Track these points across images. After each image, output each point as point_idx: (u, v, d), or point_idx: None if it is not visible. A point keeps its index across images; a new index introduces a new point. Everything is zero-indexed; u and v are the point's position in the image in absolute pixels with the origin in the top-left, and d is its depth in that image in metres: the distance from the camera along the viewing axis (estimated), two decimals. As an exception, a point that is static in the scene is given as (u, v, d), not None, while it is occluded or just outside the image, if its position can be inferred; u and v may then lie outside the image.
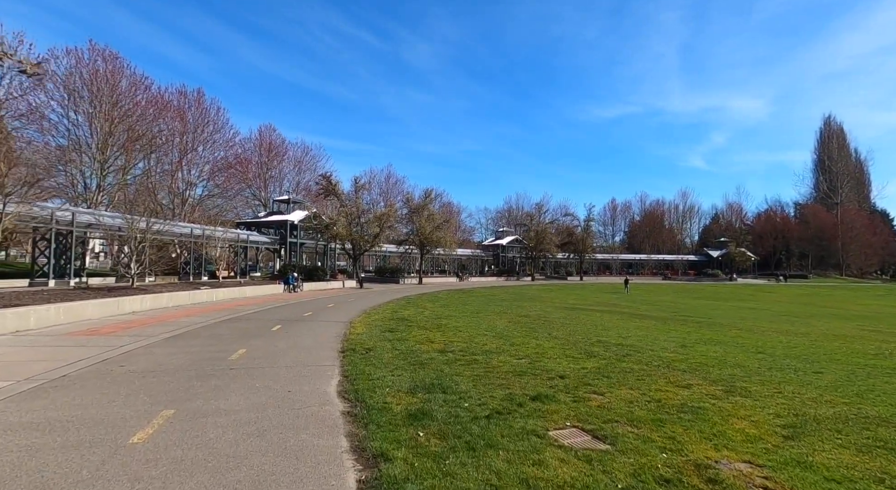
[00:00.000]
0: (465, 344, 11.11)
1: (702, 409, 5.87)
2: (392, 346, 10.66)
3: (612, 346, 11.31)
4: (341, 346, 10.59)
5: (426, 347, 10.50)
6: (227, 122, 46.58)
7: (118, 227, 23.91)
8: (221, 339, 11.21)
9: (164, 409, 5.51)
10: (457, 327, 14.44)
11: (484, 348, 10.52)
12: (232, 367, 8.05)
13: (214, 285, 25.80)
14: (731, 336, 15.36)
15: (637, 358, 9.63)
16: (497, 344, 11.21)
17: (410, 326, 14.41)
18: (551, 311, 22.15)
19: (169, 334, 11.70)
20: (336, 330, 13.56)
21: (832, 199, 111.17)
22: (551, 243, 70.44)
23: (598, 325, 16.43)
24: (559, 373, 7.92)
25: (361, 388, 6.58)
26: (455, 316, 18.13)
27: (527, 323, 16.41)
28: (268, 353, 9.53)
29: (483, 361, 8.92)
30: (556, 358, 9.47)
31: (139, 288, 20.11)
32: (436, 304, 24.76)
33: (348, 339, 11.74)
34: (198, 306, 19.39)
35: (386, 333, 12.68)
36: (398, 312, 19.11)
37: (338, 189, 42.69)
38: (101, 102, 34.29)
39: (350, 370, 7.92)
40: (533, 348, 10.67)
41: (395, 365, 8.42)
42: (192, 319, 15.00)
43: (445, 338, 12.08)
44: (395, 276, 52.35)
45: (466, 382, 7.09)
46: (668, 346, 11.87)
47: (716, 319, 22.61)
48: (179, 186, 43.56)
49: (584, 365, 8.73)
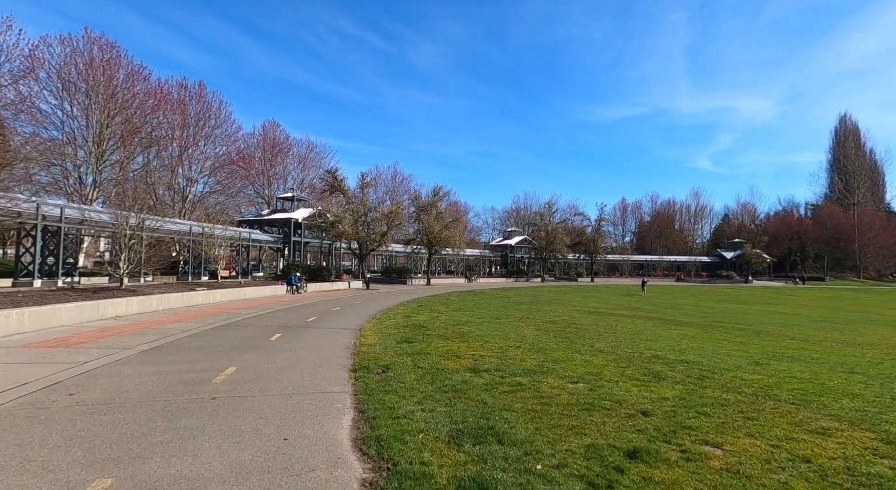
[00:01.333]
0: (498, 360, 9.30)
1: (888, 480, 4.02)
2: (413, 362, 8.86)
3: (675, 363, 9.44)
4: (352, 363, 8.81)
5: (454, 364, 8.69)
6: (229, 116, 45.04)
7: (111, 224, 22.25)
8: (209, 352, 9.44)
9: (98, 477, 3.72)
10: (482, 337, 12.62)
11: (523, 366, 8.70)
12: (214, 394, 6.27)
13: (212, 286, 24.12)
14: (794, 348, 13.45)
15: (718, 381, 7.77)
16: (536, 360, 9.39)
17: (429, 335, 12.61)
18: (577, 317, 20.28)
19: (148, 346, 9.95)
20: (344, 339, 11.78)
21: (848, 199, 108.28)
22: (562, 243, 68.39)
23: (638, 335, 14.55)
24: (637, 406, 6.08)
25: (386, 435, 4.77)
26: (475, 322, 16.31)
27: (558, 331, 14.55)
28: (262, 372, 7.75)
29: (530, 386, 7.10)
30: (618, 381, 7.64)
31: (129, 289, 18.44)
32: (449, 307, 22.95)
33: (359, 351, 9.96)
34: (191, 310, 17.66)
35: (402, 345, 10.88)
36: (411, 317, 17.31)
37: (343, 186, 40.96)
38: (96, 93, 32.73)
39: (366, 400, 6.12)
40: (582, 366, 8.83)
41: (423, 392, 6.61)
42: (180, 326, 13.26)
43: (473, 351, 10.27)
44: (403, 277, 50.58)
45: (523, 424, 5.27)
46: (739, 362, 10.00)
47: (756, 326, 20.65)
48: (180, 183, 42.01)
49: (660, 393, 6.88)
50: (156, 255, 25.02)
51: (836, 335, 18.80)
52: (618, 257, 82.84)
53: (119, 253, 18.53)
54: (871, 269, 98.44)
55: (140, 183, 39.40)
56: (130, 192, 26.70)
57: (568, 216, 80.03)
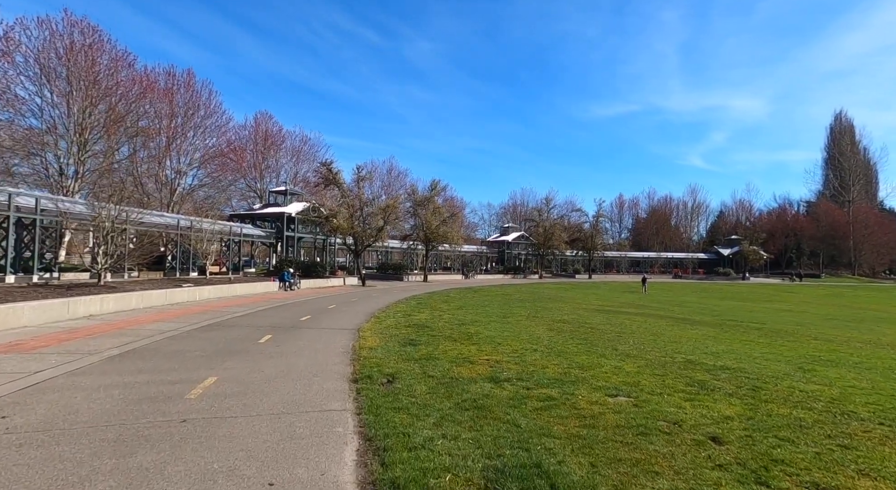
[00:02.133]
0: (517, 366, 8.21)
1: None
2: (422, 369, 7.75)
3: (716, 370, 8.41)
4: (352, 371, 7.68)
5: (468, 372, 7.59)
6: (219, 106, 43.34)
7: (89, 216, 20.84)
8: (188, 358, 8.26)
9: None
10: (492, 338, 11.54)
11: (547, 374, 7.62)
12: (186, 415, 5.12)
13: (199, 282, 22.80)
14: (826, 350, 12.50)
15: (776, 394, 6.74)
16: (560, 366, 8.31)
17: (435, 337, 11.50)
18: (586, 315, 19.26)
19: (118, 350, 8.75)
20: (341, 342, 10.64)
21: (843, 196, 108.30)
22: (560, 240, 67.42)
23: (659, 336, 13.54)
24: (701, 429, 5.01)
25: (403, 478, 3.65)
26: (481, 321, 15.22)
27: (572, 332, 13.50)
28: (247, 384, 6.60)
29: (564, 401, 6.02)
30: (662, 393, 6.57)
31: (108, 285, 17.13)
32: (451, 305, 21.85)
33: (360, 356, 8.83)
34: (175, 308, 16.39)
35: (407, 348, 9.76)
36: (412, 316, 16.19)
37: (339, 178, 39.57)
38: (78, 79, 31.06)
39: (372, 422, 5.00)
40: (613, 374, 7.77)
41: (440, 410, 5.50)
42: (160, 326, 12.03)
43: (487, 355, 9.18)
44: (399, 274, 49.38)
45: (573, 456, 4.18)
46: (783, 368, 8.99)
47: (772, 325, 19.75)
48: (168, 175, 40.44)
49: (718, 409, 5.82)
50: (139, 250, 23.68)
51: (855, 335, 17.94)
52: (615, 254, 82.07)
53: (98, 247, 17.20)
54: (865, 266, 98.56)
55: (126, 175, 37.90)
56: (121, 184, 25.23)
57: (566, 212, 79.17)
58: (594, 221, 74.79)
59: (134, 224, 26.89)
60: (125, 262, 26.38)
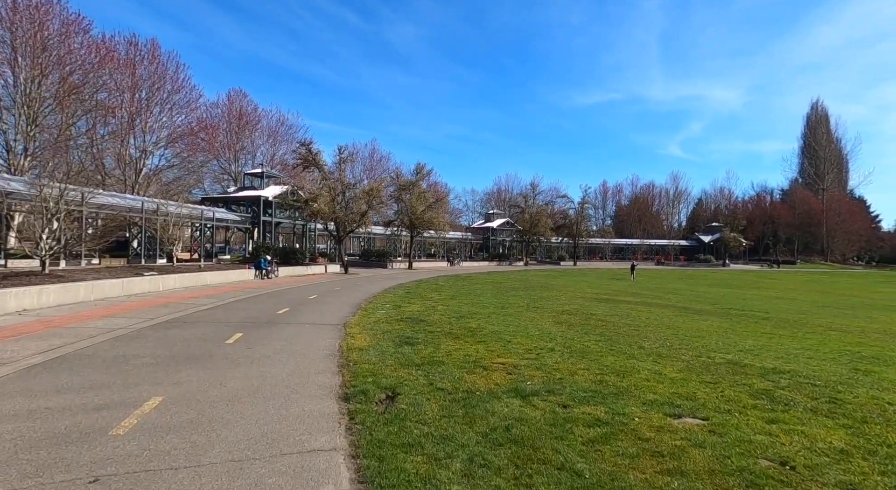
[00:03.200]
0: (539, 371, 6.84)
1: None
2: (427, 379, 6.28)
3: (770, 374, 7.19)
4: (341, 382, 6.15)
5: (485, 382, 6.16)
6: (188, 80, 40.16)
7: (29, 196, 18.42)
8: (129, 368, 6.56)
9: None
10: (498, 334, 10.14)
11: (579, 383, 6.26)
12: (99, 470, 3.50)
13: (165, 270, 20.69)
14: (856, 344, 11.56)
15: (864, 409, 5.53)
16: (589, 371, 6.97)
17: (433, 333, 10.03)
18: (587, 305, 18.09)
19: (42, 357, 6.98)
20: (325, 341, 9.06)
21: (818, 184, 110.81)
22: (546, 226, 66.56)
23: (675, 329, 12.39)
24: (825, 474, 3.69)
25: None
26: (480, 314, 13.82)
27: (582, 325, 12.23)
28: (201, 407, 5.00)
29: (620, 426, 4.63)
30: (731, 410, 5.27)
31: (54, 274, 15.01)
32: (442, 294, 20.40)
33: (349, 360, 7.30)
34: (131, 300, 14.43)
35: (404, 348, 8.26)
36: (403, 308, 14.67)
37: (319, 159, 37.24)
38: (24, 45, 27.88)
39: (376, 475, 3.50)
40: (657, 381, 6.46)
41: (464, 446, 4.04)
42: (107, 323, 10.18)
43: (499, 357, 7.77)
44: (383, 261, 47.62)
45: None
46: (839, 370, 7.86)
47: (777, 315, 18.98)
48: (132, 154, 37.41)
49: (820, 437, 4.53)
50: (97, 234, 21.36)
51: (861, 324, 17.28)
52: (599, 241, 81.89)
53: (41, 230, 15.02)
54: (837, 253, 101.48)
55: (84, 153, 34.84)
56: (66, 160, 22.62)
57: (551, 198, 78.22)
58: (580, 208, 74.12)
59: (91, 207, 24.40)
60: (82, 247, 23.98)
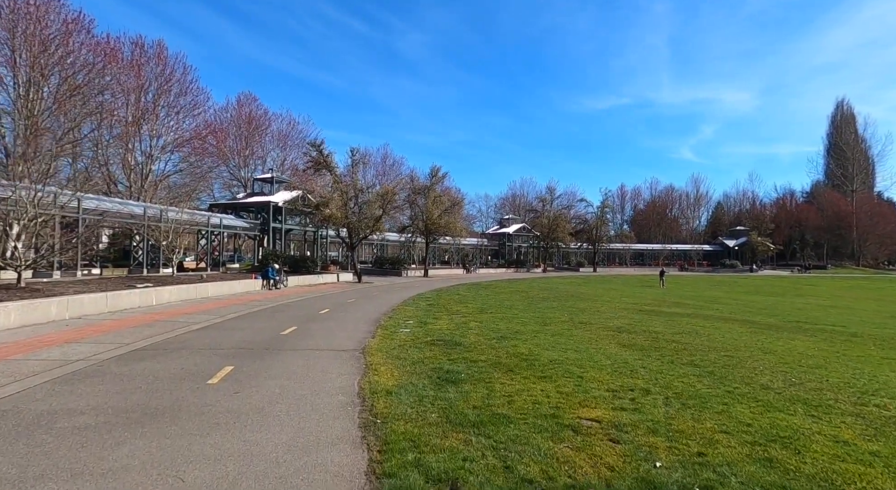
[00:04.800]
0: (653, 436, 4.59)
1: None
2: (497, 456, 4.05)
3: None
4: (367, 466, 3.93)
5: (590, 466, 3.91)
6: (195, 83, 38.79)
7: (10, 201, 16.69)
8: (48, 436, 4.43)
9: None
10: (559, 364, 7.87)
11: (733, 462, 3.99)
12: None
13: (162, 282, 18.80)
14: None
15: None
16: (728, 435, 4.69)
17: (476, 362, 7.81)
18: (638, 319, 15.68)
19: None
20: (340, 379, 6.88)
21: (846, 186, 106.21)
22: (565, 231, 63.94)
23: (773, 353, 9.99)
24: None
25: None
26: (522, 333, 11.54)
27: (657, 349, 9.88)
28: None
29: None
30: None
31: (30, 287, 13.15)
32: (468, 306, 18.16)
33: (375, 417, 5.09)
34: (114, 318, 12.42)
35: (447, 392, 6.04)
36: (430, 325, 12.45)
37: (330, 161, 35.41)
38: (23, 45, 26.60)
39: None
40: (850, 460, 4.15)
41: None
42: (64, 352, 8.12)
43: (580, 405, 5.52)
44: (397, 268, 45.52)
45: None
46: None
47: (857, 329, 16.33)
48: (137, 158, 36.03)
49: None
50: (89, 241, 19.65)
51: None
52: (619, 246, 78.88)
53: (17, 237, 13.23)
54: (868, 257, 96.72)
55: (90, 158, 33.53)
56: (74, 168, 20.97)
57: (569, 202, 75.56)
58: (599, 212, 71.35)
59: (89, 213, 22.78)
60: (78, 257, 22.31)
